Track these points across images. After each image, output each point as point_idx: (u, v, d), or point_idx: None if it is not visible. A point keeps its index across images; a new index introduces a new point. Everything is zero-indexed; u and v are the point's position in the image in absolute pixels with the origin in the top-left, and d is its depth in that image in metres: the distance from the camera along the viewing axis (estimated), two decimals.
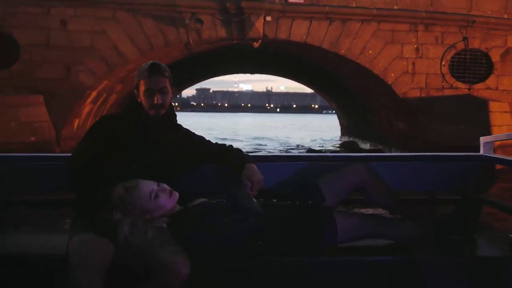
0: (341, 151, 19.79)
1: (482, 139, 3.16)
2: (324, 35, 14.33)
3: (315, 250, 2.36)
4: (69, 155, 2.66)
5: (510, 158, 2.95)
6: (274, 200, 2.59)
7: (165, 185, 2.41)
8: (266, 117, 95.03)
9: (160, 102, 2.55)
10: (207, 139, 2.85)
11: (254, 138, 28.95)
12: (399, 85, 14.86)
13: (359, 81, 16.79)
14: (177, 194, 2.42)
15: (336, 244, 2.39)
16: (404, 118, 15.56)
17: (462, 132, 13.31)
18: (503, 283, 2.42)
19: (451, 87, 14.97)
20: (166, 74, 2.59)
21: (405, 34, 14.75)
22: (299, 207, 2.54)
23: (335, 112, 28.64)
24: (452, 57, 15.00)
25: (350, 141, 23.09)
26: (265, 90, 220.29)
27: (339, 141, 25.59)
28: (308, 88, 29.77)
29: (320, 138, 29.34)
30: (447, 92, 14.92)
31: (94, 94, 14.29)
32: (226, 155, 2.75)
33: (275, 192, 2.74)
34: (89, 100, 14.29)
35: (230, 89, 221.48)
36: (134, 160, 2.55)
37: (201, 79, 27.34)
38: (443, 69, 14.96)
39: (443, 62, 14.93)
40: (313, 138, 29.62)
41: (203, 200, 2.49)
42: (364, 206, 3.03)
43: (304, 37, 14.27)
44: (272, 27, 14.06)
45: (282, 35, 14.21)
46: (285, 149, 22.09)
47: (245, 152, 2.81)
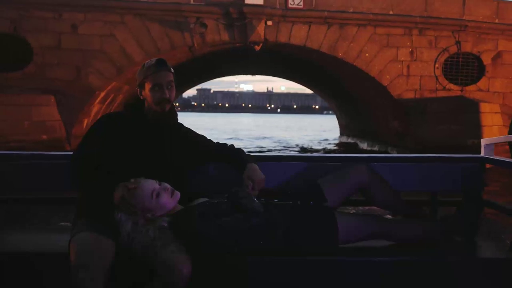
0: (341, 151, 19.88)
1: (483, 141, 3.10)
2: (323, 39, 14.64)
3: (316, 250, 2.35)
4: (71, 153, 2.61)
5: (511, 160, 2.94)
6: (275, 200, 2.56)
7: (167, 184, 2.36)
8: (267, 118, 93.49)
9: (168, 97, 2.52)
10: (208, 139, 2.79)
11: (255, 139, 28.87)
12: (394, 87, 15.12)
13: (357, 83, 16.99)
14: (179, 194, 2.38)
15: (337, 244, 2.38)
16: (399, 118, 15.73)
17: (454, 132, 13.59)
18: (504, 285, 2.39)
19: (444, 89, 15.29)
20: (172, 70, 2.57)
21: (400, 38, 15.04)
22: (300, 207, 2.50)
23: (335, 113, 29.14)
24: (445, 60, 15.31)
25: (349, 142, 23.25)
26: (266, 91, 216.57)
27: (338, 141, 25.73)
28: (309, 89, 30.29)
29: (320, 138, 29.38)
30: (440, 94, 15.22)
31: (103, 95, 14.53)
32: (228, 155, 2.71)
33: (277, 192, 2.70)
34: (98, 100, 14.50)
35: (231, 90, 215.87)
36: (136, 159, 2.49)
37: (203, 80, 27.47)
38: (437, 72, 15.27)
39: (437, 65, 15.22)
40: (312, 138, 29.66)
41: (205, 200, 2.45)
42: (366, 207, 2.96)
43: (304, 41, 14.55)
44: (273, 31, 14.36)
45: (283, 39, 14.49)
46: (285, 149, 22.19)
47: (247, 152, 2.77)
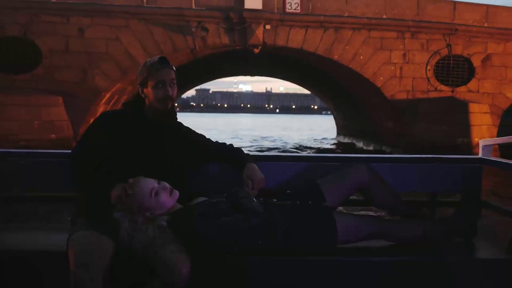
0: (339, 151, 19.94)
1: (482, 142, 3.06)
2: (319, 42, 14.93)
3: (316, 250, 2.30)
4: (70, 152, 2.54)
5: (509, 161, 2.90)
6: (275, 200, 2.52)
7: (166, 183, 2.31)
8: (266, 118, 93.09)
9: (171, 94, 2.47)
10: (208, 138, 2.73)
11: (255, 139, 29.02)
12: (388, 88, 15.39)
13: (353, 84, 17.24)
14: (177, 193, 2.32)
15: (337, 244, 2.32)
16: (393, 118, 16.05)
17: (445, 131, 13.95)
18: (503, 285, 2.35)
19: (436, 90, 15.58)
20: (174, 68, 2.52)
21: (393, 41, 15.37)
22: (300, 207, 2.45)
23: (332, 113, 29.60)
24: (437, 62, 15.60)
25: (345, 142, 23.56)
26: (265, 91, 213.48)
27: (335, 140, 26.03)
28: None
29: (318, 138, 29.69)
30: (432, 95, 15.50)
31: (108, 96, 14.75)
32: (228, 154, 2.65)
33: (276, 192, 2.66)
34: (103, 101, 14.70)
35: (230, 90, 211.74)
36: (136, 158, 2.43)
37: (203, 81, 27.68)
38: (428, 73, 15.56)
39: (428, 67, 15.53)
40: (311, 138, 29.96)
41: (204, 199, 2.40)
42: (366, 207, 3.00)
43: (301, 44, 14.82)
44: (271, 35, 14.64)
45: (280, 42, 14.77)
46: (283, 148, 22.41)
47: (246, 152, 2.71)
